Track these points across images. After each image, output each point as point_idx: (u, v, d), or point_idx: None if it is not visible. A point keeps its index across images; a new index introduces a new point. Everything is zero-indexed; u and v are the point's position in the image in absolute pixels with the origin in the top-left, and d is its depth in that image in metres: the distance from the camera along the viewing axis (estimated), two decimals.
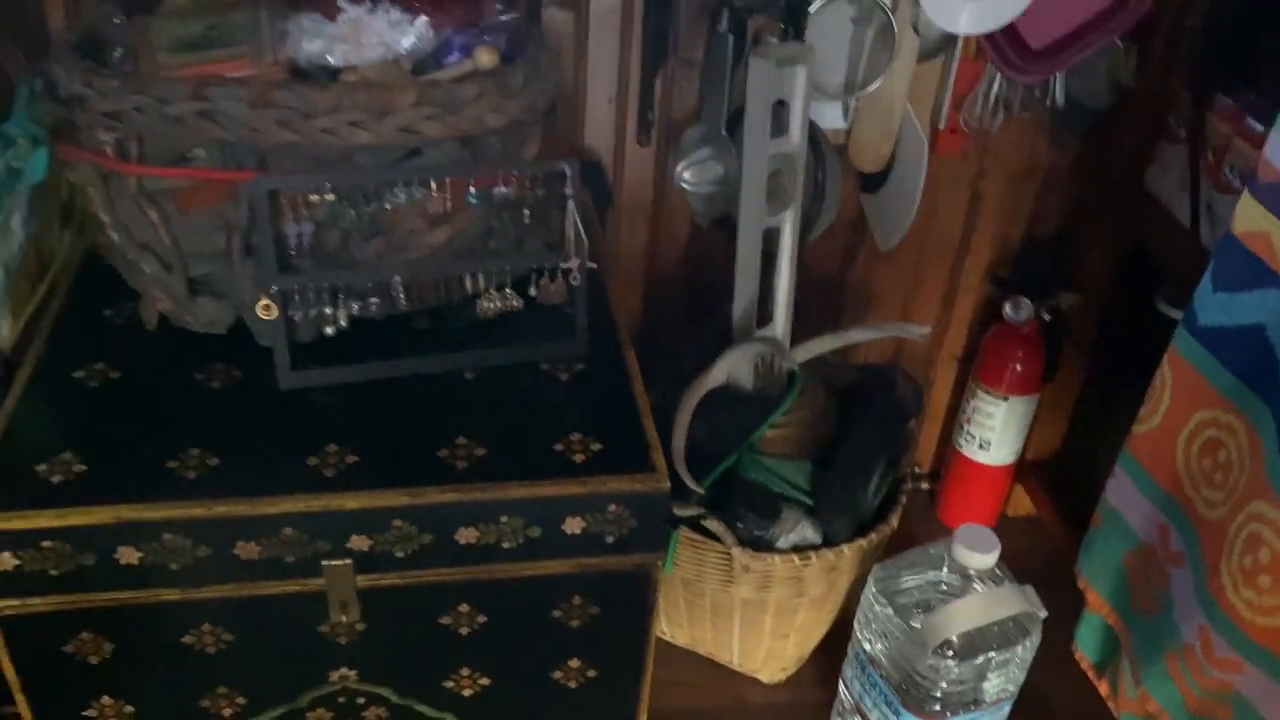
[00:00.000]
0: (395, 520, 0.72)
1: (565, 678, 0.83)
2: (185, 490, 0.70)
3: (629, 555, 0.77)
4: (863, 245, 1.25)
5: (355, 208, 0.78)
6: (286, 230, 0.77)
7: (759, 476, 1.03)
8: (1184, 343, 0.85)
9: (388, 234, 0.81)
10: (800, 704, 1.16)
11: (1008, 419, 1.28)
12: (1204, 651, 0.81)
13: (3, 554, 0.68)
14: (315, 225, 0.78)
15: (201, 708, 0.79)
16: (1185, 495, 0.86)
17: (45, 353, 0.82)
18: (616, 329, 0.90)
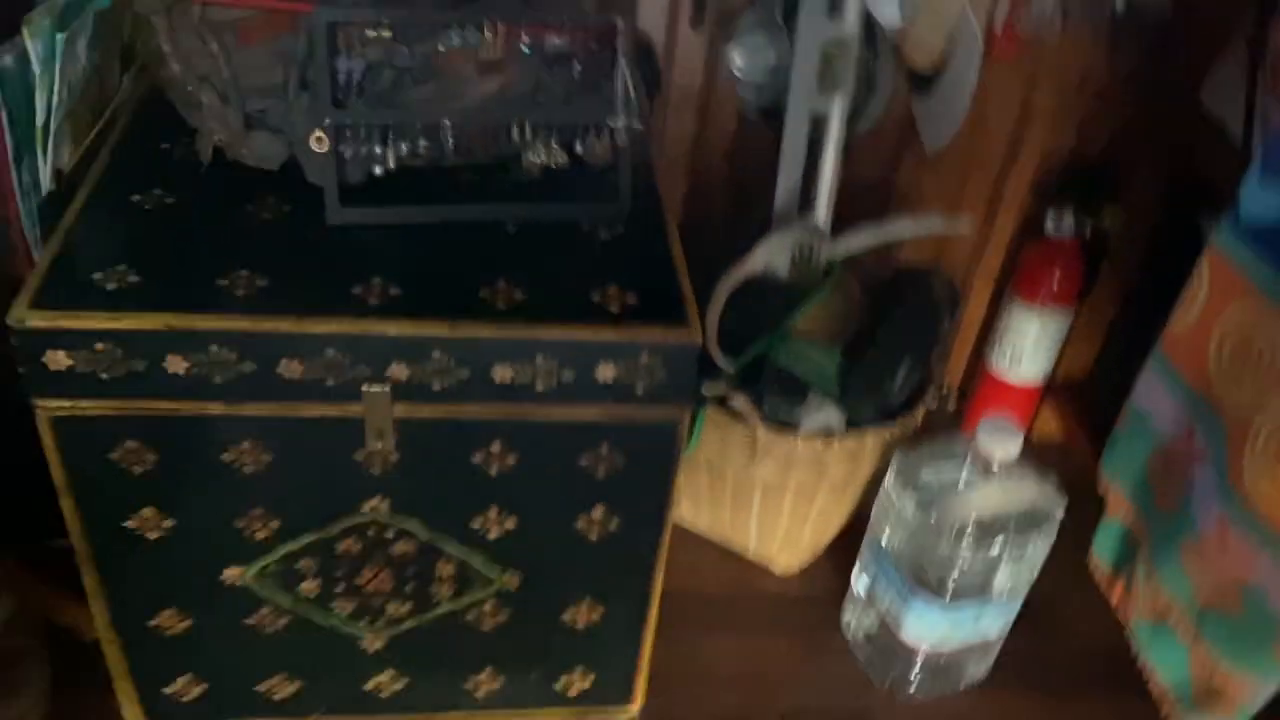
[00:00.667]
0: (434, 351, 0.74)
1: (588, 528, 0.86)
2: (233, 305, 0.73)
3: (657, 407, 0.79)
4: (909, 152, 1.24)
5: (410, 46, 0.79)
6: (340, 66, 0.79)
7: (788, 362, 1.04)
8: (1225, 238, 0.85)
9: (439, 79, 0.82)
10: (812, 596, 1.18)
11: (1041, 334, 1.28)
12: (1220, 542, 0.82)
13: (57, 353, 0.71)
14: (368, 64, 0.79)
15: (237, 528, 0.82)
16: (1214, 394, 0.86)
17: (104, 176, 0.84)
18: (658, 196, 0.91)
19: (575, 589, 0.91)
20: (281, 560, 0.84)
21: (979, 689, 1.11)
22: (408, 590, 0.88)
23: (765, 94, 1.11)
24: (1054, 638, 1.17)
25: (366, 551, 0.85)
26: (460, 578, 0.88)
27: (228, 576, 0.85)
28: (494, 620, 0.91)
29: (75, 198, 0.81)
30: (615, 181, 0.86)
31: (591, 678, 0.98)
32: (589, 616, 0.93)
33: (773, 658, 1.11)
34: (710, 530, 1.20)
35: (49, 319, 0.70)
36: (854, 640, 1.12)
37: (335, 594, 0.87)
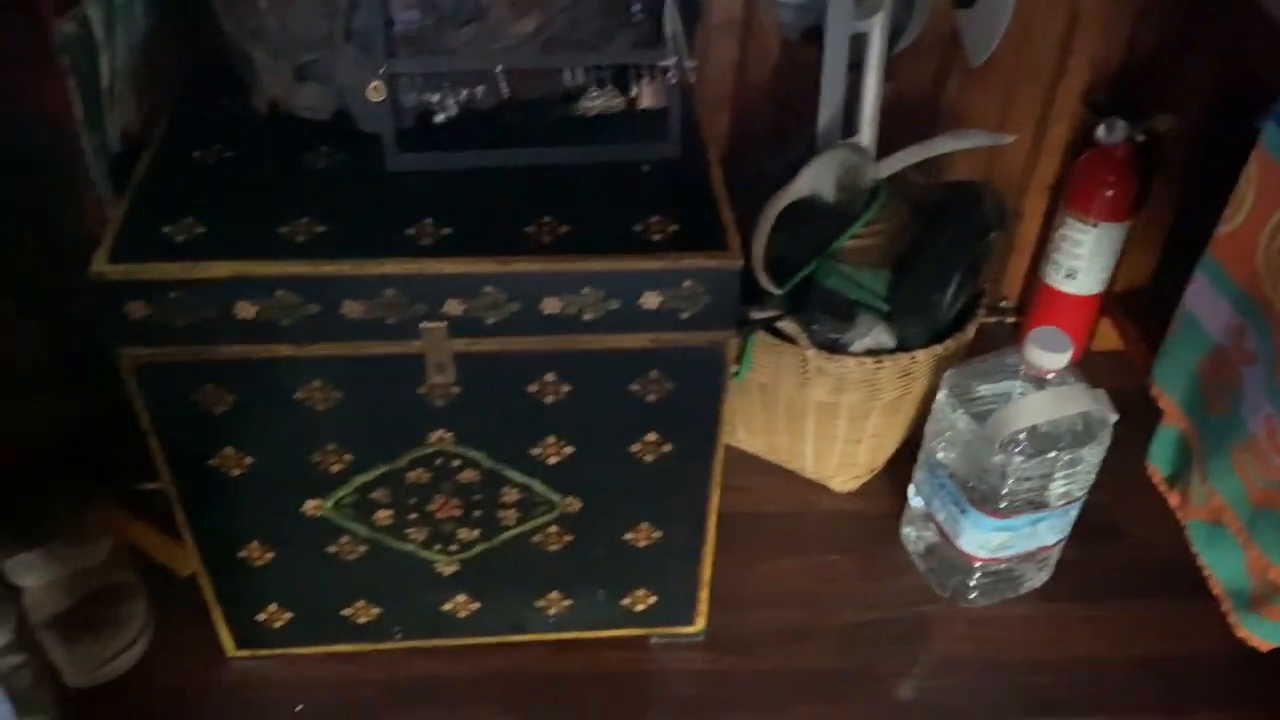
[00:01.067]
0: (486, 286, 0.77)
1: (642, 451, 0.89)
2: (295, 251, 0.77)
3: (702, 332, 0.82)
4: (955, 66, 1.23)
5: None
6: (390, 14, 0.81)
7: (837, 284, 1.06)
8: (1272, 136, 0.84)
9: (479, 21, 0.84)
10: (870, 513, 1.21)
11: (1096, 247, 1.27)
12: (1269, 442, 0.82)
13: (135, 303, 0.76)
14: (419, 11, 0.82)
15: (313, 462, 0.87)
16: (1263, 293, 0.86)
17: (166, 135, 0.88)
18: (698, 127, 0.92)
19: (633, 511, 0.95)
20: (356, 491, 0.89)
21: (1040, 594, 1.13)
22: (476, 516, 0.92)
23: (806, 15, 1.11)
24: (1115, 544, 1.18)
25: (435, 481, 0.89)
26: (524, 503, 0.92)
27: (307, 508, 0.90)
28: (559, 543, 0.96)
29: (141, 157, 0.86)
30: (667, 120, 0.88)
31: (654, 598, 1.02)
32: (649, 538, 0.96)
33: (834, 573, 1.15)
34: (767, 453, 1.23)
35: (126, 271, 0.75)
36: (914, 552, 1.15)
37: (408, 521, 0.92)
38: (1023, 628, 1.10)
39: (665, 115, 0.87)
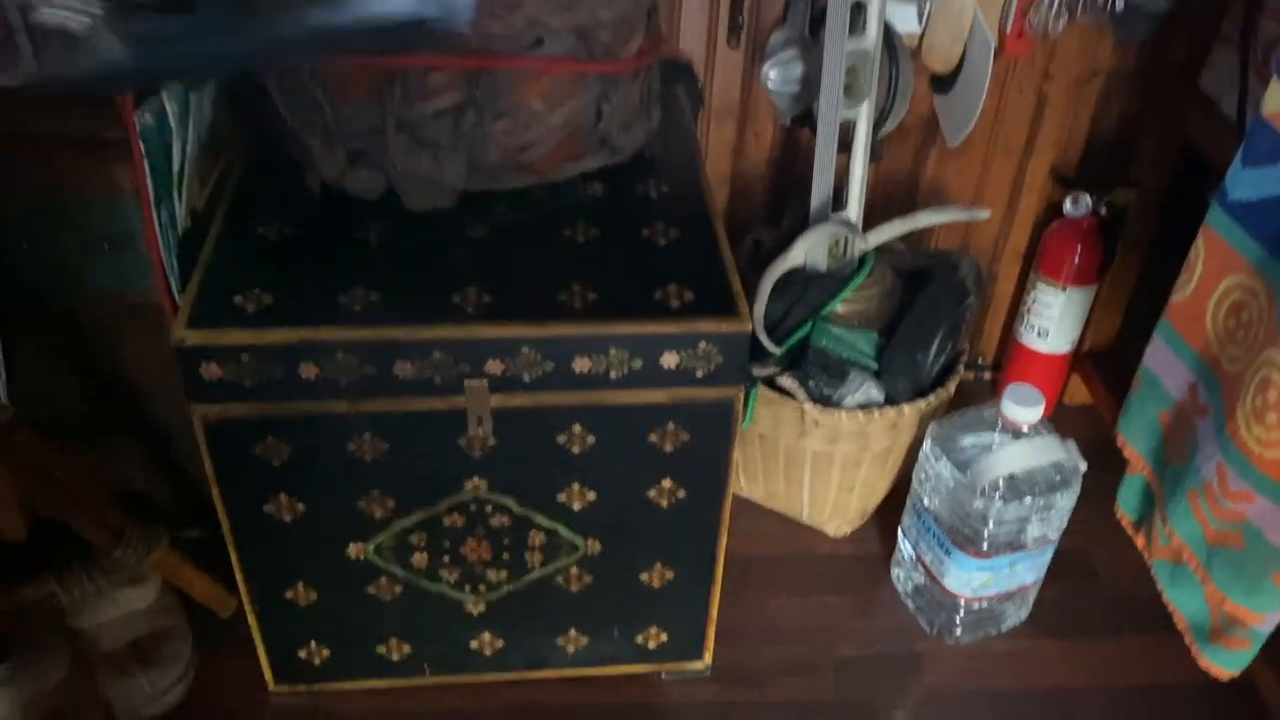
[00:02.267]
0: (524, 348, 0.87)
1: (659, 496, 0.98)
2: (354, 319, 0.86)
3: (715, 388, 0.91)
4: (934, 145, 1.35)
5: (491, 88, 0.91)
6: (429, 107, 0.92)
7: (830, 344, 1.16)
8: (1215, 217, 0.95)
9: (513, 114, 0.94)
10: (863, 555, 1.30)
11: (1066, 309, 1.38)
12: (1220, 486, 0.92)
13: (210, 364, 0.85)
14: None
15: (359, 508, 0.95)
16: (1212, 354, 0.97)
17: (230, 212, 0.97)
18: (708, 204, 1.02)
19: (649, 553, 1.03)
20: (396, 535, 0.97)
21: (1020, 632, 1.22)
22: (504, 558, 1.01)
23: (798, 103, 1.22)
24: (1089, 584, 1.27)
25: (469, 525, 0.98)
26: (549, 545, 1.00)
27: (350, 552, 0.98)
28: (579, 584, 1.04)
29: (209, 232, 0.95)
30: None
31: (666, 635, 1.10)
32: (662, 578, 1.05)
33: (830, 612, 1.23)
34: (767, 499, 1.32)
35: (203, 337, 0.84)
36: (903, 592, 1.24)
37: (442, 564, 1.00)
38: (1006, 662, 1.19)
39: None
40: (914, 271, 1.25)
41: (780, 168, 1.35)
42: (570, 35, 0.93)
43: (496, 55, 0.91)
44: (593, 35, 0.94)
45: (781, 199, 1.36)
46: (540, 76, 0.93)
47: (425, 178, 0.95)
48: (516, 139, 0.96)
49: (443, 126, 0.93)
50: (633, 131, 1.04)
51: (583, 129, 0.99)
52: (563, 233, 0.97)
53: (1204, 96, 1.20)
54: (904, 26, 1.21)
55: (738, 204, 1.38)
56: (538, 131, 0.96)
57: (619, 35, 0.97)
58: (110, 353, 1.07)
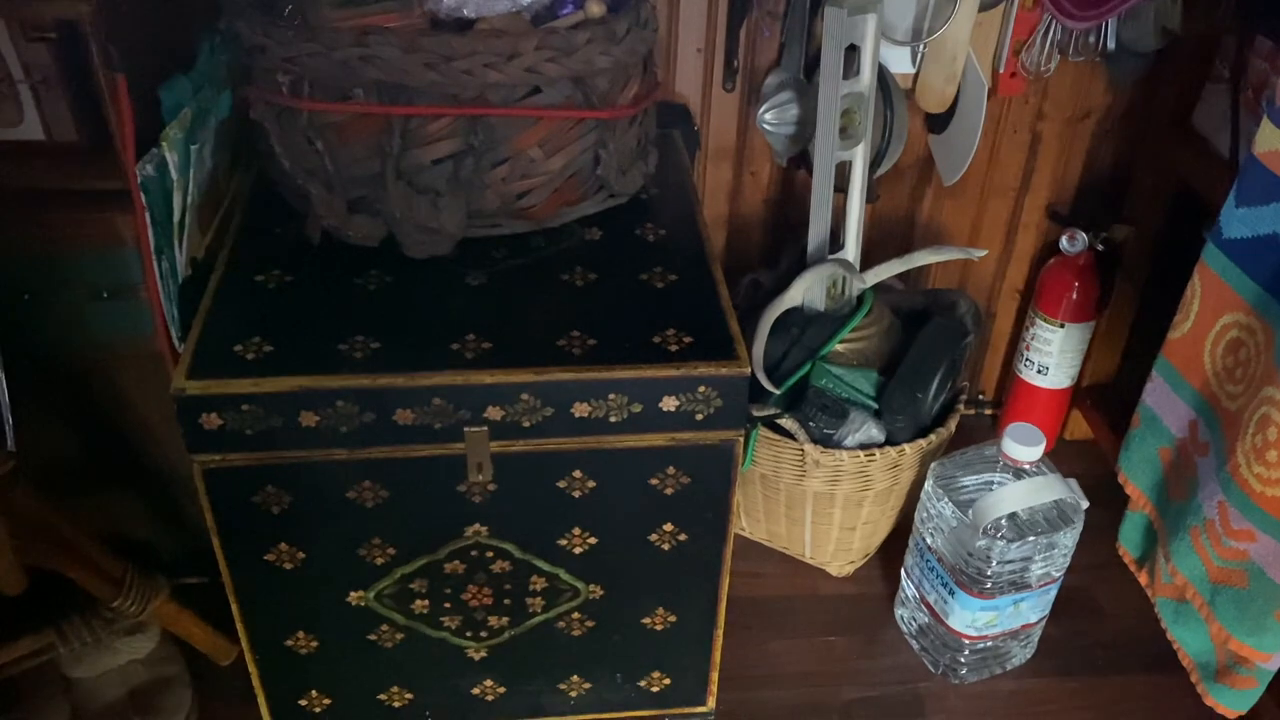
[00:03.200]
0: (523, 394, 0.87)
1: (660, 540, 0.97)
2: (353, 366, 0.86)
3: (715, 431, 0.91)
4: (930, 184, 1.36)
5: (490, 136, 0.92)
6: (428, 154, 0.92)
7: (830, 384, 1.16)
8: (1211, 255, 0.95)
9: (512, 161, 0.95)
10: (866, 595, 1.29)
11: (1064, 345, 1.38)
12: (1222, 524, 0.92)
13: (211, 415, 0.85)
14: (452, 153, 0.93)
15: (359, 556, 0.95)
16: (1211, 391, 0.97)
17: (230, 261, 0.98)
18: (705, 248, 1.03)
19: (651, 597, 1.03)
20: (397, 582, 0.97)
21: (1026, 670, 1.21)
22: (505, 604, 1.00)
23: (794, 144, 1.23)
24: (1093, 622, 1.27)
25: (469, 571, 0.98)
26: (550, 591, 1.00)
27: (351, 599, 0.98)
28: (581, 628, 1.04)
29: (209, 281, 0.95)
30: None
31: (669, 679, 1.10)
32: (665, 622, 1.04)
33: (834, 653, 1.22)
34: (769, 540, 1.32)
35: (203, 387, 0.84)
36: (907, 632, 1.23)
37: (443, 610, 1.00)
38: (1011, 701, 1.18)
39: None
40: (912, 310, 1.25)
41: (777, 209, 1.36)
42: (567, 83, 0.94)
43: (494, 104, 0.92)
44: (590, 82, 0.95)
45: (779, 240, 1.37)
46: (538, 124, 0.94)
47: (424, 225, 0.95)
48: (515, 185, 0.97)
49: (441, 174, 0.94)
50: (630, 175, 1.05)
51: (581, 174, 1.00)
52: (561, 278, 0.97)
53: (1196, 135, 1.21)
54: (898, 67, 1.22)
55: (736, 245, 1.38)
56: (536, 178, 0.97)
57: (616, 82, 0.98)
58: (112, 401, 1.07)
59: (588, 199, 1.03)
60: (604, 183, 1.02)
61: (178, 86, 0.95)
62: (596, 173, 1.00)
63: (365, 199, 0.96)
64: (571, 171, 0.98)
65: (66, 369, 1.03)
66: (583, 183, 1.01)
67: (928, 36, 1.17)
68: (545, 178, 0.97)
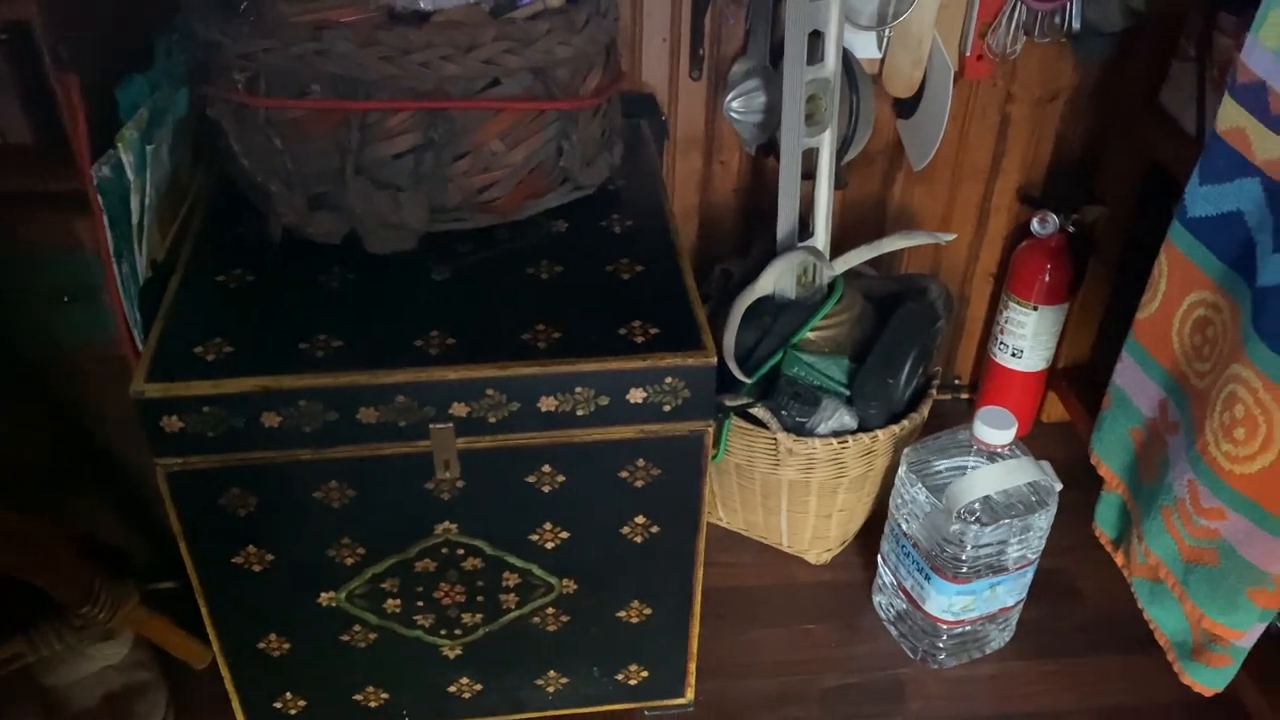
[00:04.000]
0: (488, 390, 0.86)
1: (632, 533, 0.97)
2: (315, 365, 0.85)
3: (684, 422, 0.90)
4: (901, 170, 1.35)
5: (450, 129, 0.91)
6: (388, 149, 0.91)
7: (802, 372, 1.15)
8: (1177, 234, 0.95)
9: (473, 154, 0.94)
10: (845, 582, 1.29)
11: (1038, 328, 1.38)
12: (1193, 503, 0.92)
13: (171, 417, 0.84)
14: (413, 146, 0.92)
15: (329, 557, 0.94)
16: (1180, 370, 0.97)
17: (191, 261, 0.97)
18: (672, 238, 1.02)
19: (626, 590, 1.02)
20: (368, 582, 0.96)
21: (1004, 654, 1.21)
22: (479, 601, 1.00)
23: (762, 132, 1.23)
24: (1071, 603, 1.27)
25: (441, 569, 0.97)
26: (524, 586, 0.99)
27: (322, 600, 0.97)
28: (556, 623, 1.03)
29: (169, 283, 0.94)
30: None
31: (646, 672, 1.09)
32: (640, 614, 1.04)
33: (813, 641, 1.22)
34: (747, 529, 1.31)
35: (163, 390, 0.83)
36: (886, 618, 1.23)
37: (416, 609, 0.99)
38: (990, 685, 1.18)
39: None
40: (884, 296, 1.25)
41: (748, 197, 1.35)
42: (527, 74, 0.93)
43: (453, 96, 0.91)
44: (550, 73, 0.94)
45: (751, 229, 1.36)
46: (498, 116, 0.94)
47: (386, 220, 0.94)
48: (477, 179, 0.96)
49: (402, 168, 0.93)
50: (595, 167, 1.04)
51: (544, 167, 0.99)
52: (526, 271, 0.97)
53: (1165, 113, 1.21)
54: (864, 53, 1.22)
55: (707, 235, 1.38)
56: (498, 171, 0.96)
57: (577, 72, 0.97)
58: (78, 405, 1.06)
59: (552, 191, 1.02)
60: (568, 175, 1.02)
61: (134, 86, 0.94)
62: (560, 165, 0.99)
63: (326, 195, 0.95)
64: (534, 164, 0.97)
65: (32, 374, 1.02)
66: (547, 175, 1.00)
67: (893, 20, 1.16)
68: (508, 170, 0.96)
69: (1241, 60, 0.86)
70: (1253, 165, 0.86)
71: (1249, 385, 0.84)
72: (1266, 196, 0.85)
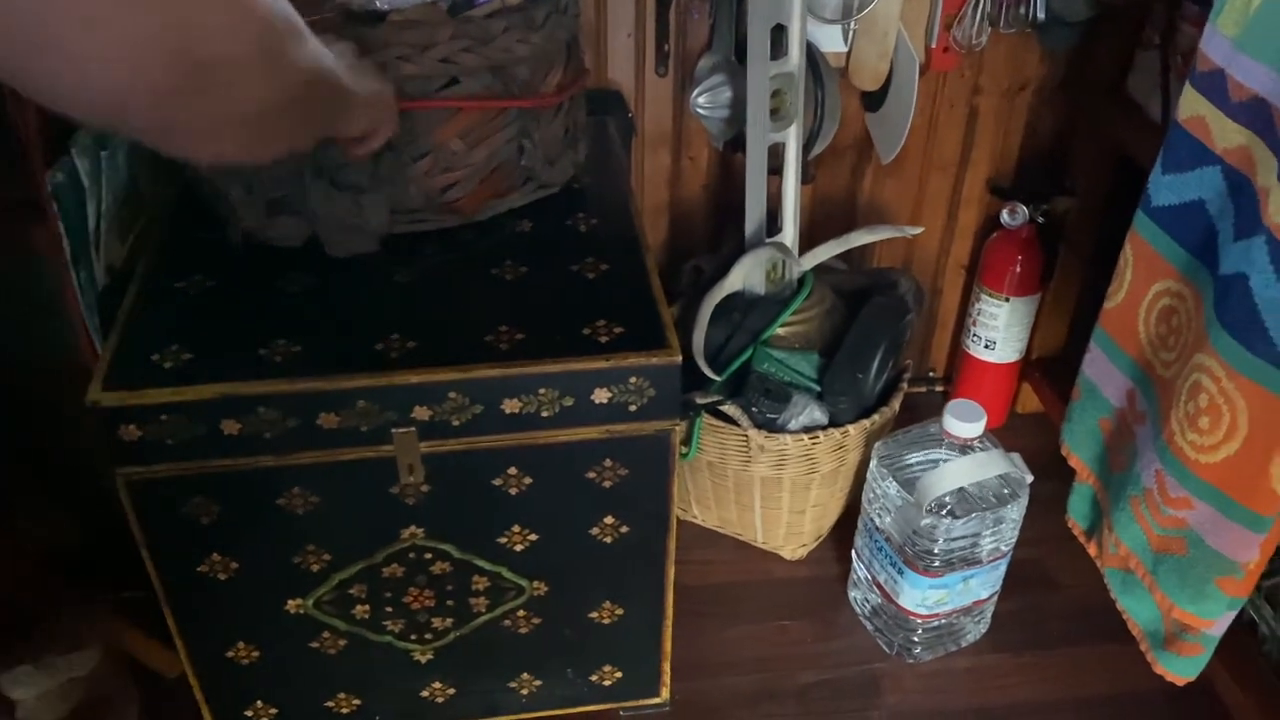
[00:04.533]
0: (450, 393, 0.85)
1: (602, 533, 0.96)
2: (275, 371, 0.84)
3: (650, 421, 0.90)
4: (870, 163, 1.35)
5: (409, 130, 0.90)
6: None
7: (772, 368, 1.15)
8: (1141, 223, 0.95)
9: (434, 154, 0.93)
10: (820, 577, 1.28)
11: (1010, 319, 1.38)
12: (1160, 493, 0.92)
13: (129, 426, 0.83)
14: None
15: (294, 563, 0.93)
16: (1147, 360, 0.96)
17: (150, 268, 0.96)
18: (638, 236, 1.01)
19: (596, 591, 1.01)
20: (335, 588, 0.95)
21: (980, 646, 1.21)
22: (448, 605, 0.99)
23: (730, 127, 1.22)
24: (1047, 595, 1.27)
25: (409, 574, 0.96)
26: (494, 589, 0.99)
27: (290, 607, 0.96)
28: (528, 625, 1.02)
29: (128, 290, 0.93)
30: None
31: (621, 672, 1.09)
32: (612, 615, 1.03)
33: (789, 637, 1.22)
34: (721, 526, 1.31)
35: (119, 398, 0.82)
36: (861, 613, 1.22)
37: (385, 614, 0.98)
38: (966, 678, 1.18)
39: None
40: (855, 291, 1.24)
41: (718, 193, 1.34)
42: (486, 73, 0.92)
43: (412, 96, 0.90)
44: (509, 71, 0.93)
45: (721, 225, 1.35)
46: (457, 116, 0.93)
47: (347, 223, 0.93)
48: (438, 179, 0.95)
49: (361, 170, 0.92)
50: (559, 165, 1.03)
51: (506, 166, 0.98)
52: (490, 272, 0.96)
53: (1131, 102, 1.21)
54: (830, 46, 1.21)
55: (678, 231, 1.37)
56: (459, 171, 0.96)
57: (537, 70, 0.96)
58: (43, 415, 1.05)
59: (515, 191, 1.01)
60: (531, 174, 1.01)
61: None
62: (522, 164, 0.98)
63: (286, 199, 0.94)
64: (496, 163, 0.97)
65: None
66: (509, 174, 0.99)
67: (858, 13, 1.16)
68: (469, 170, 0.96)
69: (1201, 49, 0.85)
70: (1213, 154, 0.86)
71: (1212, 374, 0.84)
72: (1227, 185, 0.85)
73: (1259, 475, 0.82)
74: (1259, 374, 0.80)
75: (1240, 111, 0.82)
